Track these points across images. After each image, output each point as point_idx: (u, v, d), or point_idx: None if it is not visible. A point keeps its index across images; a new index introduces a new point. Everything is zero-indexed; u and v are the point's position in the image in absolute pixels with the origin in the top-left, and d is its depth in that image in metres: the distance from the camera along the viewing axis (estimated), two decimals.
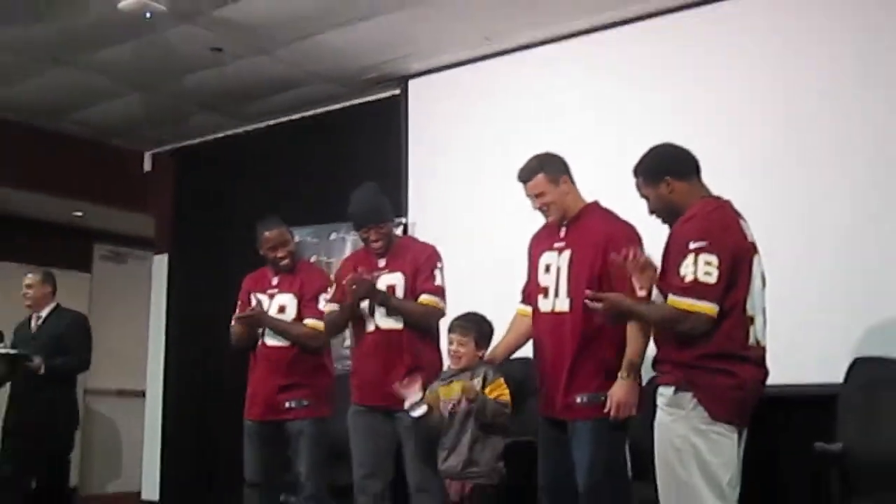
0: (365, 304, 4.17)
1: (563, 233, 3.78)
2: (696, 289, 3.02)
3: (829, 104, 4.68)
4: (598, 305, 3.25)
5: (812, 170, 4.63)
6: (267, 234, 4.72)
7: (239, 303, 4.79)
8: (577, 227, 3.75)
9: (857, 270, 4.43)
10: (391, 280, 4.20)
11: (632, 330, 3.53)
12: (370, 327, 4.21)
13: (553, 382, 3.68)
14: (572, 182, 3.80)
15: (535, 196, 3.77)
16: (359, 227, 4.30)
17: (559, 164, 3.81)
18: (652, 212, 3.38)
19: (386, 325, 4.15)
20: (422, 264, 4.21)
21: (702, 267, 3.02)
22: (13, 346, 5.75)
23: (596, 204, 3.82)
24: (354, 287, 4.03)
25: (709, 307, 3.02)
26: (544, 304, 3.77)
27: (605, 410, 3.49)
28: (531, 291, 3.89)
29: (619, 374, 3.51)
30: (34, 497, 5.92)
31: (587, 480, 3.57)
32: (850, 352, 4.24)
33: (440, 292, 4.18)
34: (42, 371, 5.67)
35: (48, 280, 6.05)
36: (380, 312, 4.15)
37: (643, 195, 3.38)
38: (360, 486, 4.22)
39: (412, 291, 4.18)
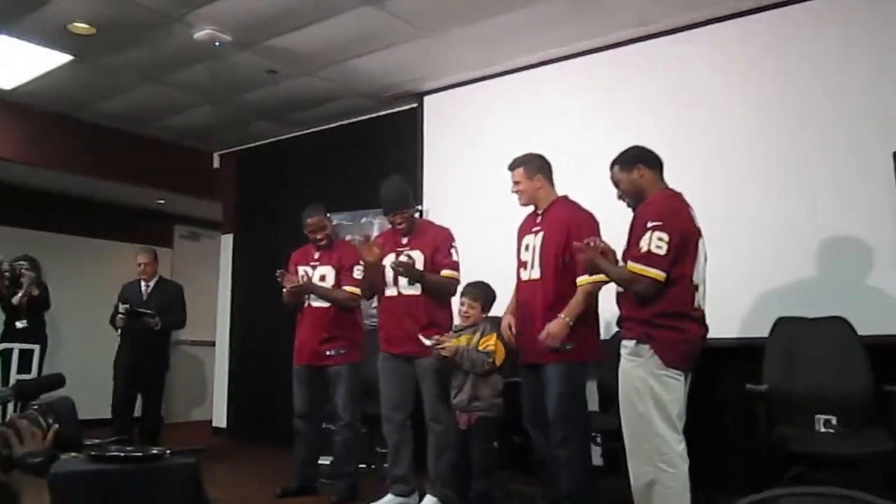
0: (390, 275, 4.18)
1: (539, 219, 3.85)
2: (649, 258, 3.09)
3: (752, 122, 4.68)
4: (581, 255, 3.31)
5: (770, 175, 4.59)
6: (309, 220, 4.76)
7: (287, 273, 4.77)
8: (549, 215, 3.82)
9: (786, 252, 4.44)
10: (413, 256, 4.20)
11: (578, 293, 3.60)
12: (394, 292, 4.23)
13: (529, 334, 3.72)
14: (548, 180, 3.87)
15: (514, 182, 3.88)
16: (386, 212, 4.31)
17: (538, 164, 3.88)
18: (621, 196, 3.41)
19: (407, 292, 4.17)
20: (440, 244, 4.21)
21: (655, 241, 3.08)
22: (125, 303, 5.91)
23: (565, 197, 3.88)
24: (401, 269, 4.04)
25: (657, 273, 3.08)
26: (524, 275, 3.83)
27: (541, 337, 3.55)
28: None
29: (559, 314, 3.57)
30: (137, 421, 6.02)
31: (555, 409, 3.61)
32: (775, 312, 4.25)
33: (456, 267, 4.20)
34: (158, 327, 5.85)
35: (156, 257, 6.25)
36: (403, 282, 4.15)
37: (616, 181, 3.40)
38: (387, 417, 4.26)
39: (431, 266, 4.18)
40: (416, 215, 4.55)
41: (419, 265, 4.17)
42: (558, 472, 3.62)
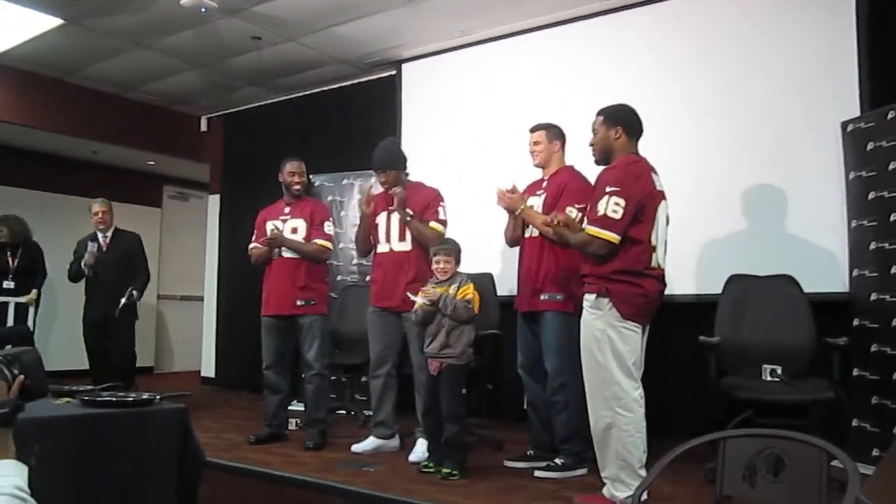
0: (383, 228, 4.25)
1: (544, 184, 3.93)
2: (604, 221, 3.11)
3: (708, 90, 4.67)
4: (549, 230, 3.46)
5: (731, 144, 4.62)
6: (289, 165, 4.76)
7: (255, 230, 4.77)
8: (553, 180, 3.89)
9: (740, 214, 4.49)
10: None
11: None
12: (386, 248, 4.28)
13: (529, 285, 3.83)
14: (562, 149, 3.97)
15: (534, 143, 3.97)
16: (375, 169, 4.37)
17: (558, 132, 3.99)
18: (591, 144, 3.40)
19: (398, 248, 4.23)
20: (430, 202, 4.25)
21: (611, 206, 3.10)
22: (81, 257, 5.57)
23: (570, 167, 3.94)
24: (395, 208, 4.17)
25: (611, 235, 3.10)
26: (528, 233, 3.91)
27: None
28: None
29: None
30: (113, 370, 5.68)
31: (555, 359, 3.72)
32: (728, 270, 4.26)
33: (444, 224, 4.23)
34: (139, 298, 5.63)
35: (111, 207, 5.83)
36: (395, 238, 4.21)
37: (594, 130, 3.39)
38: (375, 366, 4.30)
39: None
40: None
41: None
42: (556, 416, 3.74)
